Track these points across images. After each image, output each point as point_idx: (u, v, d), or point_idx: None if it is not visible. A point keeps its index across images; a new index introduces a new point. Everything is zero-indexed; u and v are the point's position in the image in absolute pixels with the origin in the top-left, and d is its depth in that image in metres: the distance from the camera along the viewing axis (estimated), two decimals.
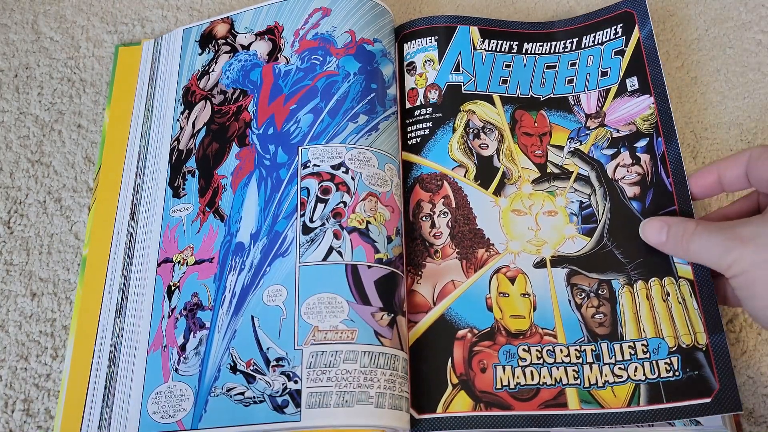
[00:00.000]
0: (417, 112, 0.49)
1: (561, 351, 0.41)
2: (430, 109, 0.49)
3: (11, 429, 0.42)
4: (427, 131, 0.48)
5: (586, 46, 0.50)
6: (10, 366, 0.44)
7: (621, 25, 0.50)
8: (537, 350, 0.41)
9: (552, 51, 0.51)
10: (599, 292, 0.42)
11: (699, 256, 0.38)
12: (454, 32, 0.51)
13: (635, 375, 0.39)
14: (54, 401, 0.43)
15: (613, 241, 0.43)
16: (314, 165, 0.43)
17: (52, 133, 0.52)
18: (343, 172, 0.43)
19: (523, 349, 0.41)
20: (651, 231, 0.41)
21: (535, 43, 0.51)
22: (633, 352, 0.40)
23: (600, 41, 0.50)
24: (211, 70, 0.50)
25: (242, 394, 0.38)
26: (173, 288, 0.43)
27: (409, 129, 0.48)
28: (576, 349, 0.41)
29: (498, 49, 0.51)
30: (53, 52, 0.56)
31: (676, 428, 0.39)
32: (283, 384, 0.38)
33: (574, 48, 0.50)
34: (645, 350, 0.40)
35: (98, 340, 0.43)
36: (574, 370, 0.40)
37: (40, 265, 0.47)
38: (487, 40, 0.51)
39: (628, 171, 0.45)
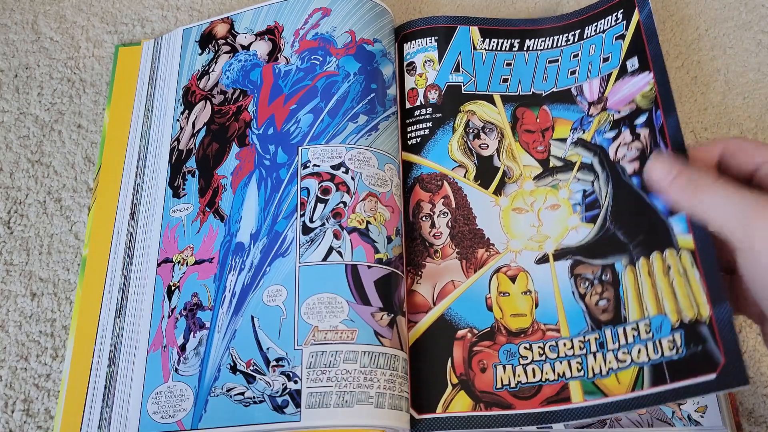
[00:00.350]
0: (417, 113, 0.49)
1: (564, 345, 0.41)
2: (430, 109, 0.49)
3: (11, 429, 0.42)
4: (427, 131, 0.48)
5: (588, 36, 0.50)
6: (10, 366, 0.44)
7: (621, 11, 0.49)
8: (539, 347, 0.41)
9: (554, 45, 0.50)
10: (603, 278, 0.41)
11: (709, 213, 0.32)
12: (454, 32, 0.51)
13: (638, 358, 0.38)
14: (54, 401, 0.43)
15: (616, 223, 0.42)
16: (314, 165, 0.43)
17: (52, 133, 0.52)
18: (343, 172, 0.43)
19: (525, 348, 0.41)
20: (657, 168, 0.36)
21: (537, 39, 0.51)
22: (636, 334, 0.39)
23: (602, 29, 0.49)
24: (211, 70, 0.50)
25: (242, 394, 0.38)
26: (173, 288, 0.43)
27: (409, 129, 0.48)
28: (580, 341, 0.40)
29: (498, 48, 0.50)
30: (53, 52, 0.56)
31: (676, 428, 0.39)
32: (283, 384, 0.38)
33: (576, 40, 0.50)
34: (648, 330, 0.38)
35: (98, 340, 0.43)
36: (578, 362, 0.40)
37: (40, 265, 0.47)
38: (487, 40, 0.51)
39: (628, 149, 0.44)
